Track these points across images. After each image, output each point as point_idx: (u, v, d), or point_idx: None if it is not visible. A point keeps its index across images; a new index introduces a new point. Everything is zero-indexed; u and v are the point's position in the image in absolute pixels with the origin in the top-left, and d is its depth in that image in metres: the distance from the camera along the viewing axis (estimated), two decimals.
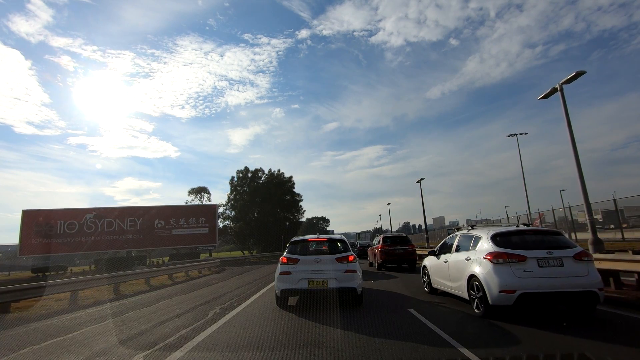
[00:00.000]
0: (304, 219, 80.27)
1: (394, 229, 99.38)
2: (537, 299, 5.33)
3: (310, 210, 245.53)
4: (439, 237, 59.69)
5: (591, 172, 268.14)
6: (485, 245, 6.10)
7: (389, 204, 57.26)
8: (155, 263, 40.73)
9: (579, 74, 9.25)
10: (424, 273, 9.05)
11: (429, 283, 8.67)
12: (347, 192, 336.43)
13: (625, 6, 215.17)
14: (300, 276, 7.09)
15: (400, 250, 16.33)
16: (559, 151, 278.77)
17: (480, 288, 5.86)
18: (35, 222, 39.95)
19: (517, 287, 5.36)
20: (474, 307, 6.14)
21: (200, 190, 60.14)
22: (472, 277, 6.14)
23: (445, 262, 7.55)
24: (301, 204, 69.71)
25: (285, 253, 7.56)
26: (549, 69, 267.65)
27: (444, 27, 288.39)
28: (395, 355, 4.06)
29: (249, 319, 6.40)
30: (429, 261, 8.81)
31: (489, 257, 5.77)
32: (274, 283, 7.77)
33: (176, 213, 44.03)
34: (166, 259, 43.62)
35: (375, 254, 17.61)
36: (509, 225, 9.00)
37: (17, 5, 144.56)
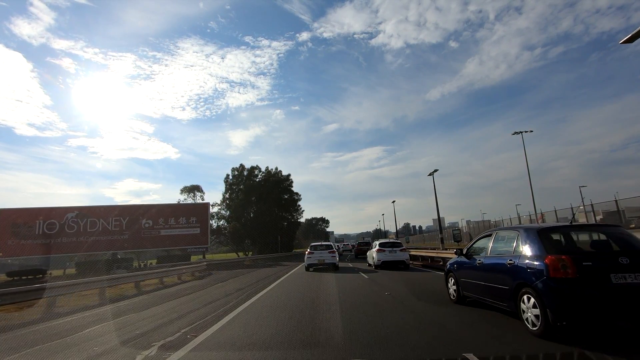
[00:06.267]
0: (302, 219, 77.40)
1: (393, 231, 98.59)
2: (387, 263, 17.13)
3: (310, 211, 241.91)
4: (443, 238, 57.12)
5: (590, 173, 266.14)
6: (377, 246, 18.10)
7: (393, 201, 54.10)
8: (141, 266, 37.73)
9: None
10: (367, 257, 21.21)
11: (368, 262, 20.18)
12: (347, 193, 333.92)
13: (623, 9, 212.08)
14: (315, 258, 18.01)
15: (365, 248, 29.78)
16: (558, 152, 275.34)
17: (372, 260, 18.36)
18: (12, 221, 36.95)
19: (382, 259, 17.15)
20: (373, 266, 18.13)
21: (193, 189, 57.06)
22: (372, 256, 18.31)
23: (369, 252, 20.05)
24: (300, 203, 66.88)
25: (308, 249, 18.91)
26: (548, 70, 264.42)
27: (443, 30, 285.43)
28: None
29: None
30: (368, 252, 20.71)
31: (376, 249, 17.72)
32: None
33: (165, 212, 40.99)
34: (154, 261, 40.61)
35: (354, 249, 39.98)
36: (386, 239, 22.48)
37: (19, 8, 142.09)
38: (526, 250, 4.94)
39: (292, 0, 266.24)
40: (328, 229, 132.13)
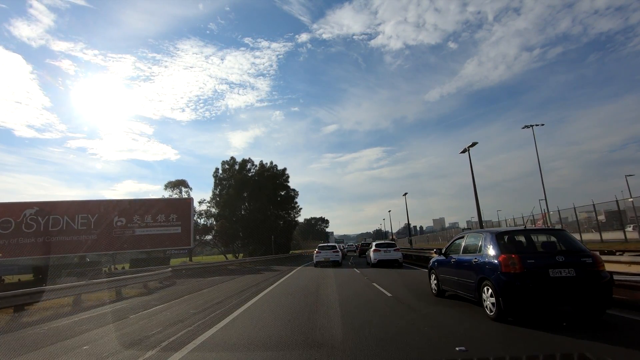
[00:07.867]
0: (300, 219, 72.10)
1: (394, 231, 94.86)
2: (382, 261, 19.28)
3: (309, 212, 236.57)
4: (445, 238, 52.14)
5: (589, 173, 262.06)
6: (373, 246, 20.94)
7: (405, 194, 48.51)
8: (105, 271, 32.24)
9: None
10: (366, 257, 23.71)
11: (367, 261, 22.42)
12: (347, 194, 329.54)
13: (621, 9, 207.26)
14: (321, 256, 22.64)
15: (366, 248, 27.99)
16: (557, 153, 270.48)
17: (370, 259, 21.09)
18: None
19: (377, 258, 19.45)
20: (370, 265, 20.57)
21: (178, 184, 51.48)
22: (370, 256, 21.07)
23: (368, 252, 23.02)
24: (297, 200, 61.57)
25: (316, 249, 23.71)
26: (547, 71, 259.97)
27: (442, 31, 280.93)
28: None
29: None
30: (367, 252, 23.41)
31: (372, 250, 20.58)
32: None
33: (140, 208, 35.48)
34: (127, 265, 35.23)
35: (357, 250, 44.66)
36: (383, 240, 28.41)
37: (19, 10, 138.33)
38: (487, 250, 5.91)
39: (292, 2, 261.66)
40: (328, 230, 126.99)
